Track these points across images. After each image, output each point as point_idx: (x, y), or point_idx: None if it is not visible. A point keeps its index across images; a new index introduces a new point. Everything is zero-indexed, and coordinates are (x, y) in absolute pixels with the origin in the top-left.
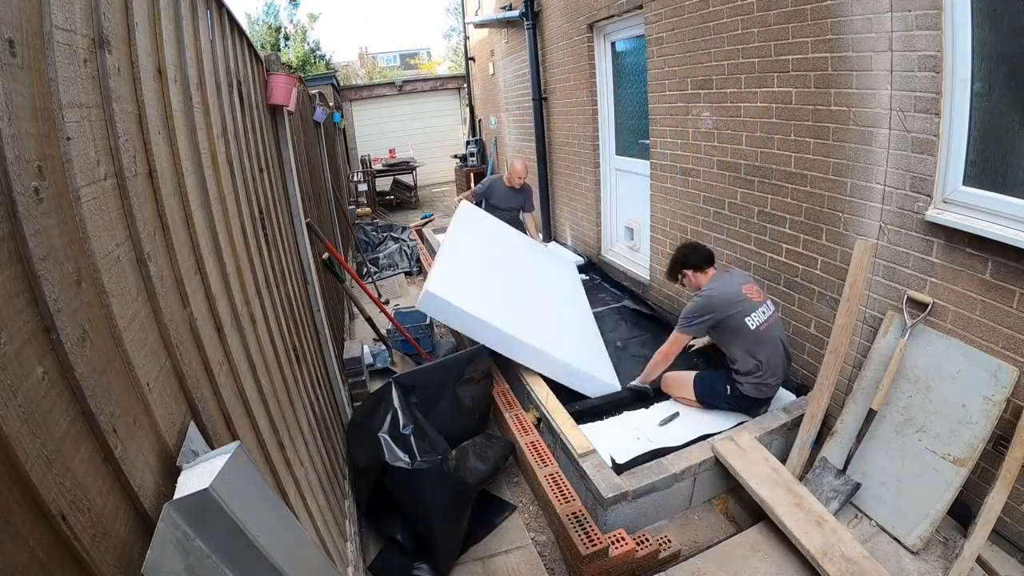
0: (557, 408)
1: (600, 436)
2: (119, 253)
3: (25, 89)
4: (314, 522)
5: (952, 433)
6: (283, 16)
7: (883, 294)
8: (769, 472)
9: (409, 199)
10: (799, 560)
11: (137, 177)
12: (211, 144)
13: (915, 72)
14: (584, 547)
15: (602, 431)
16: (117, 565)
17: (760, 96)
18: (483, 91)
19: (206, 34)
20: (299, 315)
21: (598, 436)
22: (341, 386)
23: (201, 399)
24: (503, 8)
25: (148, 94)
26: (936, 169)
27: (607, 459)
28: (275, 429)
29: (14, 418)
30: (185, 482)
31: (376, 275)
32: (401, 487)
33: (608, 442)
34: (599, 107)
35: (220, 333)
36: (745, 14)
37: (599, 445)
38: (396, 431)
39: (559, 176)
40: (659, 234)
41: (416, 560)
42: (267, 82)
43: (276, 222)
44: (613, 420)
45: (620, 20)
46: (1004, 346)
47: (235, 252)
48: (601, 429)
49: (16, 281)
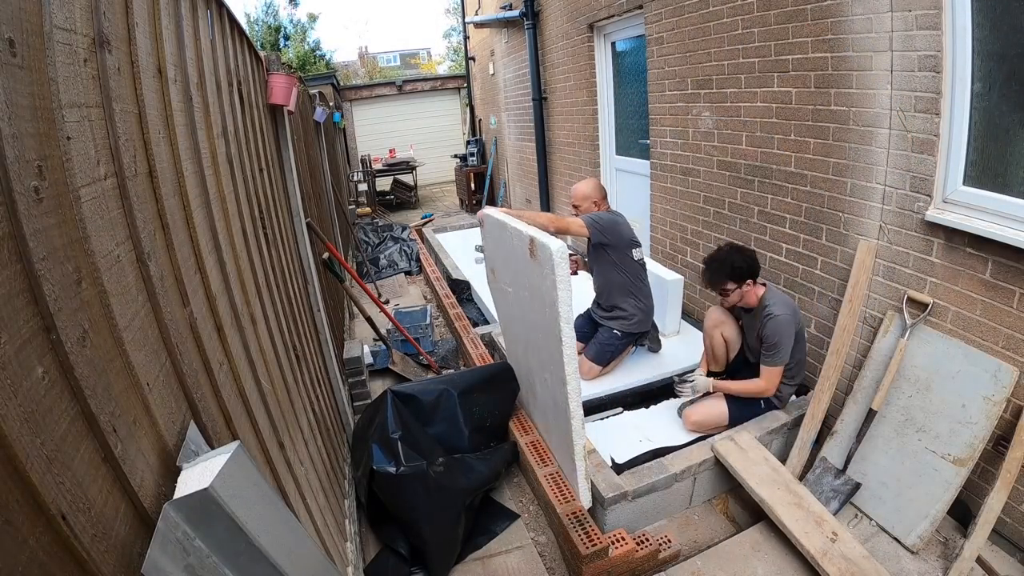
0: None
1: (600, 436)
2: (119, 253)
3: (25, 89)
4: (314, 522)
5: (952, 433)
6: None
7: (883, 294)
8: (769, 472)
9: (409, 199)
10: (799, 560)
11: (137, 177)
12: (211, 144)
13: (915, 72)
14: (584, 547)
15: (602, 431)
16: (117, 565)
17: (760, 96)
18: (483, 91)
19: (206, 34)
20: (299, 315)
21: (598, 436)
22: (341, 386)
23: (201, 398)
24: (503, 8)
25: (148, 94)
26: (936, 169)
27: (607, 459)
28: (275, 428)
29: (14, 418)
30: (185, 481)
31: (376, 275)
32: (389, 493)
33: (608, 442)
34: (599, 107)
35: (220, 333)
36: (745, 14)
37: (599, 445)
38: (385, 437)
39: (559, 176)
40: (659, 234)
41: (413, 565)
42: (267, 82)
43: (276, 222)
44: (613, 420)
45: (620, 20)
46: (1004, 346)
47: (235, 252)
48: (601, 429)
49: (16, 281)
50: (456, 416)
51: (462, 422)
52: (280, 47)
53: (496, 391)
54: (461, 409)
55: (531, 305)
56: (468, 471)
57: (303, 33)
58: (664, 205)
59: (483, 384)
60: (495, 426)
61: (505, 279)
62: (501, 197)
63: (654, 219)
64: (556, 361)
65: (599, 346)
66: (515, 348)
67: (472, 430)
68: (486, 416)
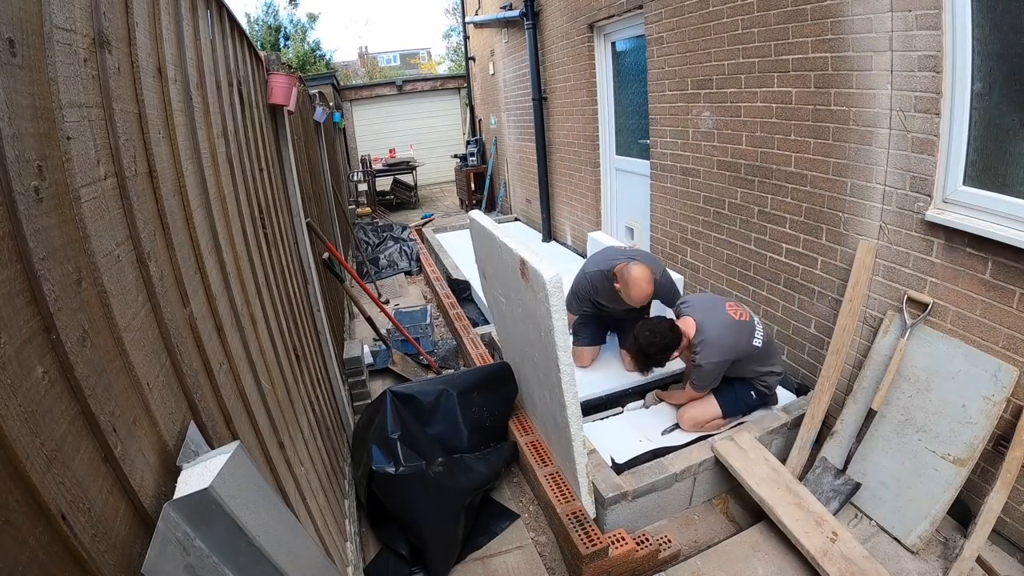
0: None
1: (600, 436)
2: (119, 252)
3: (25, 89)
4: (314, 522)
5: (952, 433)
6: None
7: (883, 294)
8: (769, 472)
9: (409, 199)
10: (799, 560)
11: (137, 177)
12: (211, 144)
13: (915, 72)
14: (584, 547)
15: (602, 431)
16: (117, 565)
17: (760, 96)
18: (483, 91)
19: (206, 34)
20: (299, 315)
21: (598, 436)
22: (341, 386)
23: (201, 398)
24: (503, 8)
25: (148, 94)
26: (936, 169)
27: (607, 459)
28: (275, 428)
29: (14, 418)
30: (185, 481)
31: (376, 275)
32: (388, 493)
33: (608, 442)
34: (599, 107)
35: (220, 333)
36: (745, 14)
37: (599, 445)
38: (384, 437)
39: (559, 176)
40: (659, 234)
41: (413, 565)
42: (267, 82)
43: (276, 222)
44: (613, 420)
45: (620, 20)
46: (1004, 346)
47: (235, 252)
48: (601, 429)
49: (16, 280)
50: (455, 416)
51: (461, 422)
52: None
53: (495, 391)
54: (460, 409)
55: (525, 323)
56: (467, 471)
57: (303, 33)
58: (664, 205)
59: (482, 384)
60: (494, 426)
61: (498, 288)
62: (501, 197)
63: (654, 219)
64: (555, 386)
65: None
66: (512, 355)
67: (471, 430)
68: (485, 416)
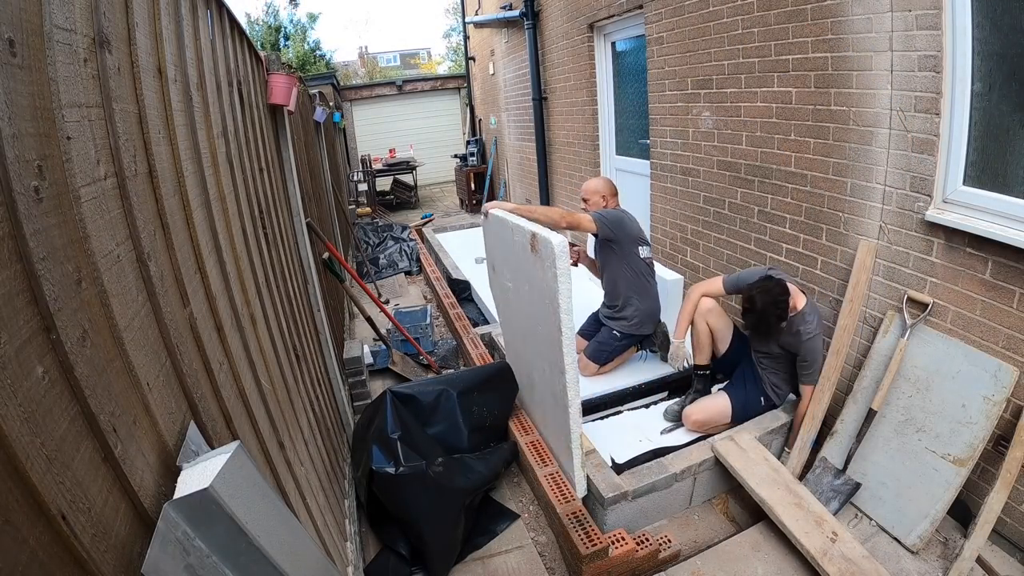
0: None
1: (600, 436)
2: (119, 252)
3: (25, 89)
4: (314, 522)
5: (952, 433)
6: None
7: (883, 294)
8: (769, 472)
9: (409, 199)
10: (799, 560)
11: (137, 177)
12: (211, 144)
13: (915, 72)
14: (584, 547)
15: (602, 431)
16: (117, 565)
17: (760, 96)
18: (483, 91)
19: (206, 34)
20: (299, 315)
21: (598, 436)
22: (341, 386)
23: (201, 398)
24: (503, 8)
25: (148, 94)
26: (936, 169)
27: (607, 459)
28: (275, 428)
29: (14, 418)
30: (185, 481)
31: (376, 275)
32: (388, 493)
33: (608, 442)
34: (599, 107)
35: (220, 332)
36: (745, 14)
37: (599, 445)
38: (384, 437)
39: (559, 176)
40: (659, 234)
41: (413, 565)
42: (267, 82)
43: (276, 222)
44: (613, 420)
45: (620, 20)
46: (1004, 346)
47: (235, 252)
48: (601, 429)
49: (16, 281)
50: (455, 416)
51: (461, 422)
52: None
53: (495, 391)
54: (460, 409)
55: (531, 298)
56: (467, 471)
57: (303, 33)
58: (664, 205)
59: (482, 384)
60: (494, 426)
61: (505, 275)
62: (501, 197)
63: (654, 219)
64: (555, 351)
65: (597, 344)
66: (514, 342)
67: (471, 430)
68: (485, 416)
